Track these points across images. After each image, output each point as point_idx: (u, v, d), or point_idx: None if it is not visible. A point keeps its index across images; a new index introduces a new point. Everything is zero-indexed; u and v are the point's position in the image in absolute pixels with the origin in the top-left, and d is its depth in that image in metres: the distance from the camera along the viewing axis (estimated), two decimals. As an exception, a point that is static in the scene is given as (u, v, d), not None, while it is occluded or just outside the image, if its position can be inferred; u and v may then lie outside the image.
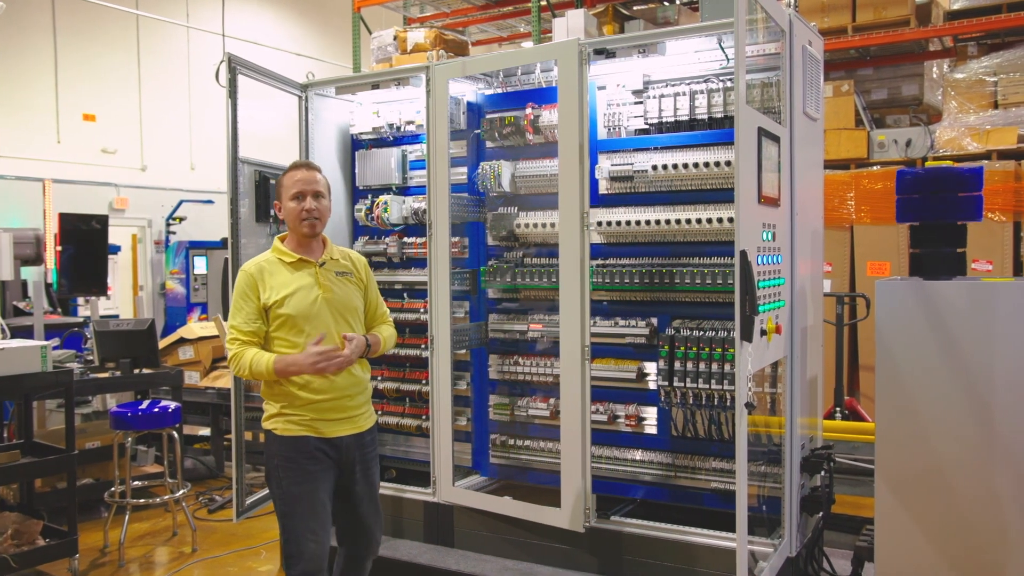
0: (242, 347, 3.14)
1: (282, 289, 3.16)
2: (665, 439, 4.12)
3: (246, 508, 4.46)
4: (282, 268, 3.21)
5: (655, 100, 4.08)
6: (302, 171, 3.28)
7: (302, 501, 3.11)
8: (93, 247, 7.53)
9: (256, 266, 3.23)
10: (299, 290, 3.17)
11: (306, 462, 3.14)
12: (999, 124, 6.71)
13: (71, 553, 4.65)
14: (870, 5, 7.23)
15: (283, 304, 3.14)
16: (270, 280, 3.18)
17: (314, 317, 3.16)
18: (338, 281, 3.28)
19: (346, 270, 3.34)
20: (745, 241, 2.96)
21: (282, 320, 3.14)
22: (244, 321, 3.16)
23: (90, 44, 12.06)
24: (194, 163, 13.31)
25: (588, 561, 4.05)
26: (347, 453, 3.23)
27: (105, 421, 5.94)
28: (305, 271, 3.22)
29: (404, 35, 5.87)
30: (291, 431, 3.16)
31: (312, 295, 3.17)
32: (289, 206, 3.23)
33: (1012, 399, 3.07)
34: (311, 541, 3.07)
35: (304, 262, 3.23)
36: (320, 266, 3.24)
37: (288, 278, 3.19)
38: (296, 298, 3.15)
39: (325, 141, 5.02)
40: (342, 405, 3.20)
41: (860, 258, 6.98)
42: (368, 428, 3.33)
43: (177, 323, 11.08)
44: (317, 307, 3.17)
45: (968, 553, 3.15)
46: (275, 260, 3.25)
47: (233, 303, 3.21)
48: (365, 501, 3.33)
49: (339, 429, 3.20)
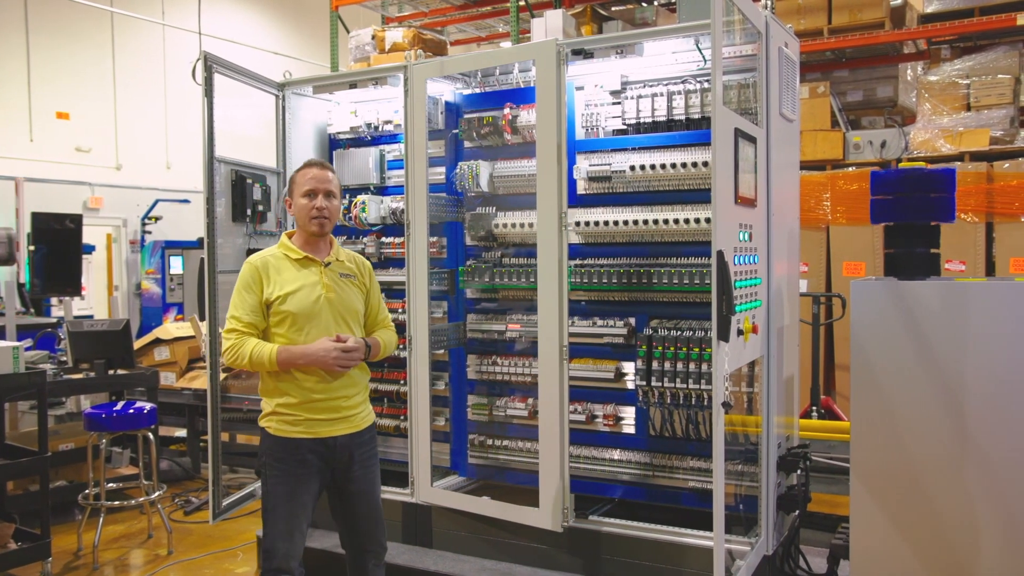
0: (241, 337, 3.13)
1: (286, 285, 3.16)
2: (643, 439, 4.14)
3: (223, 510, 4.42)
4: (288, 264, 3.21)
5: (633, 101, 4.10)
6: (316, 169, 3.27)
7: (282, 502, 3.14)
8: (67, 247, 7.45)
9: (262, 260, 3.22)
10: (302, 288, 3.16)
11: (294, 465, 3.15)
12: (971, 126, 6.80)
13: (44, 556, 4.59)
14: (846, 7, 7.30)
15: (285, 301, 3.14)
16: (275, 275, 3.18)
17: (315, 316, 3.15)
18: (341, 283, 3.27)
19: (350, 272, 3.33)
20: (722, 241, 2.97)
21: (282, 317, 3.14)
22: (245, 312, 3.15)
23: (64, 41, 11.91)
24: (170, 162, 13.19)
25: (567, 561, 4.06)
26: (342, 453, 3.21)
27: (79, 423, 5.87)
28: (310, 270, 3.22)
29: (382, 34, 5.86)
30: (283, 431, 3.16)
31: (315, 294, 3.17)
32: (300, 202, 3.23)
33: (985, 398, 3.10)
34: (283, 541, 3.11)
35: (310, 260, 3.23)
36: (325, 266, 3.24)
37: (293, 275, 3.19)
38: (299, 296, 3.15)
39: (302, 140, 5.00)
40: (337, 405, 3.19)
41: (836, 258, 7.04)
42: (365, 427, 3.31)
43: (153, 323, 10.98)
44: (319, 307, 3.16)
45: (942, 550, 3.19)
46: (281, 256, 3.24)
47: (235, 294, 3.20)
48: (363, 501, 3.31)
49: (334, 429, 3.19)
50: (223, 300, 4.63)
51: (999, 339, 3.09)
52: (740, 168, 3.22)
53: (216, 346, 4.44)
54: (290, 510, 3.12)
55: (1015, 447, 3.06)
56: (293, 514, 3.13)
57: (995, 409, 3.09)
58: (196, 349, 7.03)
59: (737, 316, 3.08)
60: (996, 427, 3.09)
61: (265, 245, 4.76)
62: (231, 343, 3.13)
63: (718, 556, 3.01)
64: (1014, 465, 3.07)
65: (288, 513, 3.12)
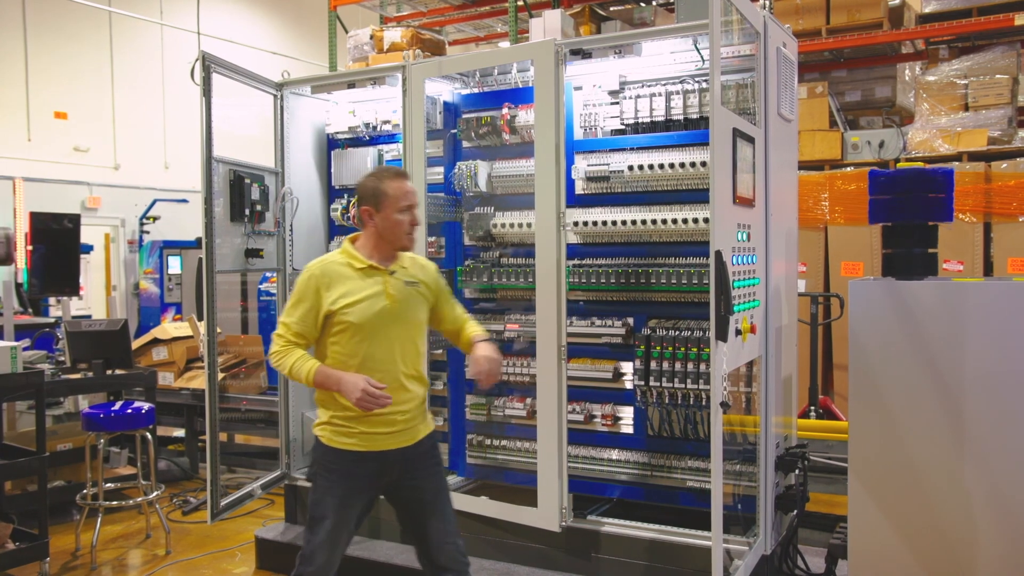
0: (287, 346, 3.04)
1: (351, 295, 3.01)
2: (641, 438, 4.14)
3: (221, 510, 4.42)
4: (351, 273, 3.06)
5: (631, 101, 4.10)
6: (406, 181, 3.11)
7: (330, 512, 3.06)
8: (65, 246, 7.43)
9: (322, 268, 3.07)
10: (366, 299, 3.01)
11: (345, 476, 3.07)
12: (969, 126, 6.81)
13: (42, 557, 4.59)
14: (844, 8, 7.30)
15: (347, 311, 3.01)
16: (337, 285, 3.03)
17: (377, 328, 3.02)
18: (406, 291, 3.11)
19: (414, 279, 3.16)
20: (720, 241, 2.97)
21: (343, 327, 3.01)
22: (297, 321, 3.04)
23: (62, 41, 11.90)
24: (168, 162, 13.18)
25: (565, 560, 4.06)
26: (395, 466, 3.10)
27: (77, 423, 5.86)
28: (374, 279, 3.06)
29: (380, 34, 5.86)
30: (336, 442, 3.07)
31: (379, 305, 3.03)
32: (396, 217, 3.05)
33: (982, 397, 3.11)
34: (323, 551, 3.04)
35: (375, 269, 3.07)
36: (390, 275, 3.09)
37: (356, 285, 3.04)
38: (362, 307, 3.01)
39: (301, 140, 5.00)
40: (392, 419, 3.06)
41: (834, 258, 7.04)
42: (422, 438, 3.17)
43: (151, 323, 10.96)
44: (382, 318, 3.03)
45: (940, 549, 3.19)
46: (344, 263, 3.08)
47: (290, 299, 3.10)
48: (430, 512, 3.15)
49: (389, 442, 3.07)
50: (221, 300, 4.64)
51: (997, 339, 3.09)
52: (738, 168, 3.22)
53: (213, 346, 4.44)
54: (336, 521, 3.05)
55: (1013, 446, 3.07)
56: (338, 526, 3.06)
57: (993, 409, 3.09)
58: (194, 349, 7.03)
59: (735, 316, 3.08)
60: (994, 426, 3.09)
61: (263, 245, 4.77)
62: (277, 349, 3.07)
63: (716, 556, 3.01)
64: (1012, 464, 3.07)
65: (334, 524, 3.05)
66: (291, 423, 4.92)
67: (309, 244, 5.05)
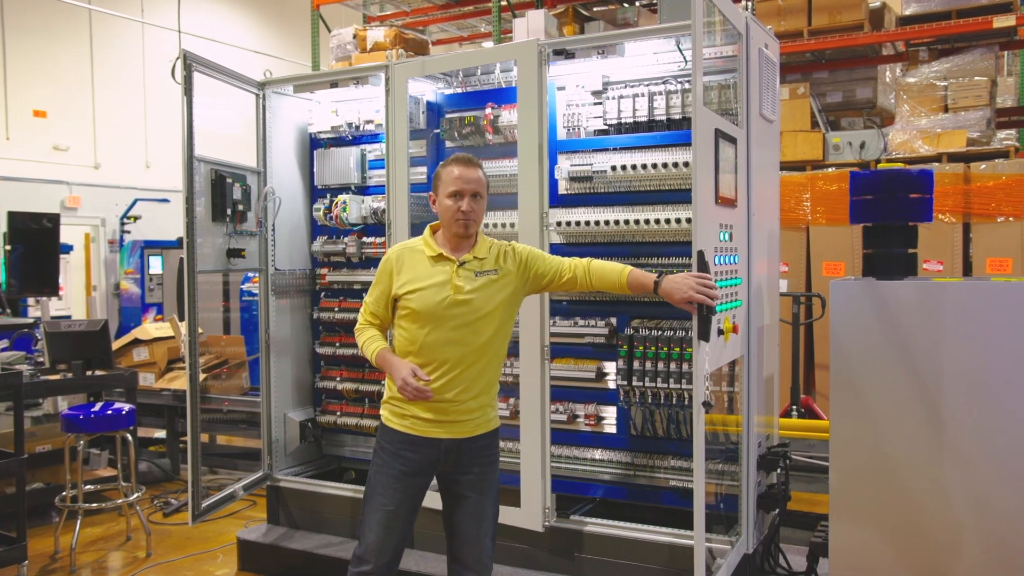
0: (365, 324, 3.17)
1: (416, 282, 3.04)
2: (624, 438, 4.15)
3: (202, 511, 4.39)
4: (422, 259, 3.08)
5: (614, 101, 4.11)
6: (462, 167, 3.06)
7: (378, 492, 3.08)
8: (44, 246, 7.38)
9: (397, 253, 3.14)
10: (431, 287, 3.02)
11: (394, 459, 3.07)
12: (949, 127, 6.87)
13: (20, 559, 4.54)
14: (825, 9, 7.35)
15: (410, 298, 3.04)
16: (407, 270, 3.07)
17: (439, 316, 3.00)
18: (478, 282, 3.05)
19: (491, 269, 3.09)
20: (702, 241, 2.99)
21: (406, 312, 3.05)
22: (373, 301, 3.16)
23: (41, 39, 11.79)
24: (149, 161, 13.09)
25: (548, 560, 4.06)
26: (449, 456, 3.07)
27: (56, 424, 5.80)
28: (442, 267, 3.05)
29: (364, 33, 5.84)
30: (391, 422, 3.10)
31: (442, 295, 3.00)
32: (445, 203, 3.05)
33: (962, 396, 3.13)
34: (373, 532, 3.05)
35: (444, 258, 3.06)
36: (460, 265, 3.05)
37: (424, 271, 3.05)
38: (425, 294, 3.01)
39: (283, 140, 4.98)
40: (446, 408, 3.03)
41: (816, 258, 7.08)
42: (481, 433, 3.11)
43: (132, 324, 10.88)
44: (444, 307, 3.00)
45: (920, 547, 3.22)
46: (420, 249, 3.11)
47: (374, 280, 3.19)
48: (467, 508, 3.12)
49: (439, 431, 3.04)
50: (203, 300, 4.61)
51: (976, 338, 3.12)
52: (720, 168, 3.23)
53: (195, 346, 4.41)
54: (384, 502, 3.06)
55: (992, 445, 3.09)
56: (387, 508, 3.05)
57: (972, 408, 3.12)
58: (176, 350, 6.98)
59: (718, 316, 3.09)
60: (973, 425, 3.12)
61: (245, 245, 4.75)
62: (359, 326, 3.19)
63: (699, 555, 3.02)
64: (991, 462, 3.10)
65: (381, 504, 3.06)
66: (273, 424, 4.89)
67: (291, 244, 5.02)
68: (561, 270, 3.17)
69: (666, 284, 2.98)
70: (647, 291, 3.07)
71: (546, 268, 3.17)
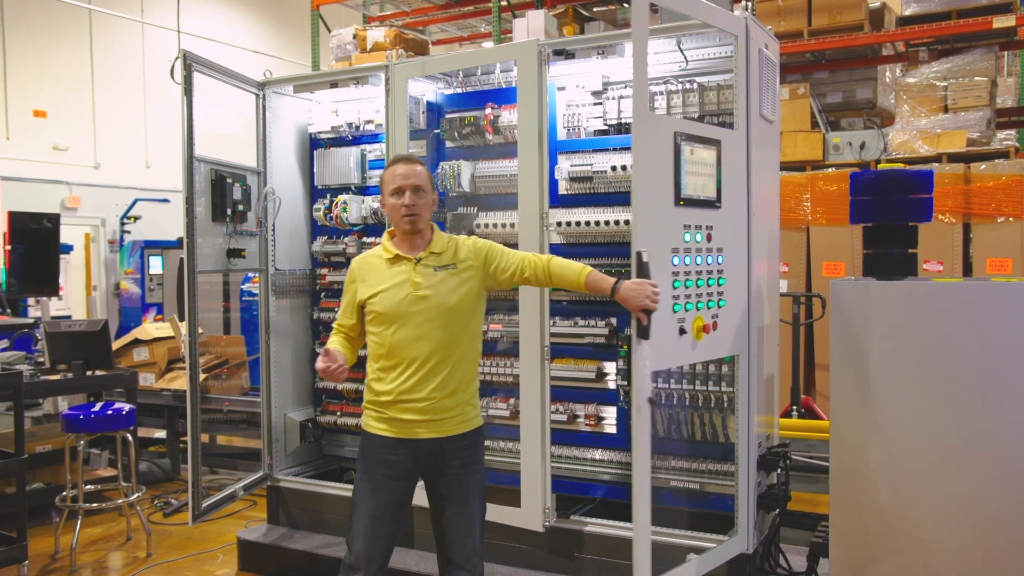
0: (334, 334, 3.26)
1: (376, 286, 3.12)
2: (624, 438, 4.15)
3: (202, 511, 4.39)
4: (382, 263, 3.16)
5: (614, 101, 4.11)
6: (402, 165, 3.16)
7: (363, 499, 3.12)
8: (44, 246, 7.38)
9: (360, 261, 3.25)
10: (390, 288, 3.10)
11: (375, 463, 3.12)
12: (949, 128, 6.87)
13: (20, 560, 4.54)
14: (825, 10, 7.35)
15: (374, 301, 3.11)
16: (369, 276, 3.17)
17: (403, 315, 3.06)
18: (437, 277, 3.11)
19: (449, 263, 3.14)
20: (643, 243, 3.02)
21: (373, 315, 3.13)
22: (341, 312, 3.27)
23: (41, 39, 11.79)
24: (149, 161, 13.08)
25: (548, 561, 4.06)
26: (431, 456, 3.10)
27: (56, 424, 5.80)
28: (400, 267, 3.13)
29: (363, 34, 5.84)
30: (370, 427, 3.16)
31: (402, 293, 3.08)
32: (390, 202, 3.14)
33: (962, 397, 3.13)
34: (361, 539, 3.08)
35: (401, 258, 3.14)
36: (417, 262, 3.12)
37: (384, 274, 3.13)
38: (387, 295, 3.09)
39: (283, 140, 4.98)
40: (424, 407, 3.06)
41: (816, 259, 7.08)
42: (462, 432, 3.13)
43: (132, 324, 10.88)
44: (406, 304, 3.07)
45: (920, 548, 3.21)
46: (379, 255, 3.20)
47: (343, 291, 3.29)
48: (451, 508, 3.15)
49: (418, 431, 3.08)
50: (203, 300, 4.61)
51: (976, 339, 3.12)
52: (685, 171, 3.22)
53: (195, 346, 4.41)
54: (370, 508, 3.09)
55: (992, 445, 3.09)
56: (373, 513, 3.08)
57: (972, 408, 3.12)
58: (176, 350, 6.98)
59: (680, 315, 3.18)
60: (973, 426, 3.12)
61: (245, 245, 4.75)
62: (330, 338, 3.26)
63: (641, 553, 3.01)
64: (992, 463, 3.10)
65: (368, 511, 3.09)
66: (273, 424, 4.89)
67: (291, 244, 5.02)
68: (522, 266, 3.21)
69: (624, 291, 3.02)
70: (604, 293, 3.12)
71: (507, 264, 3.22)
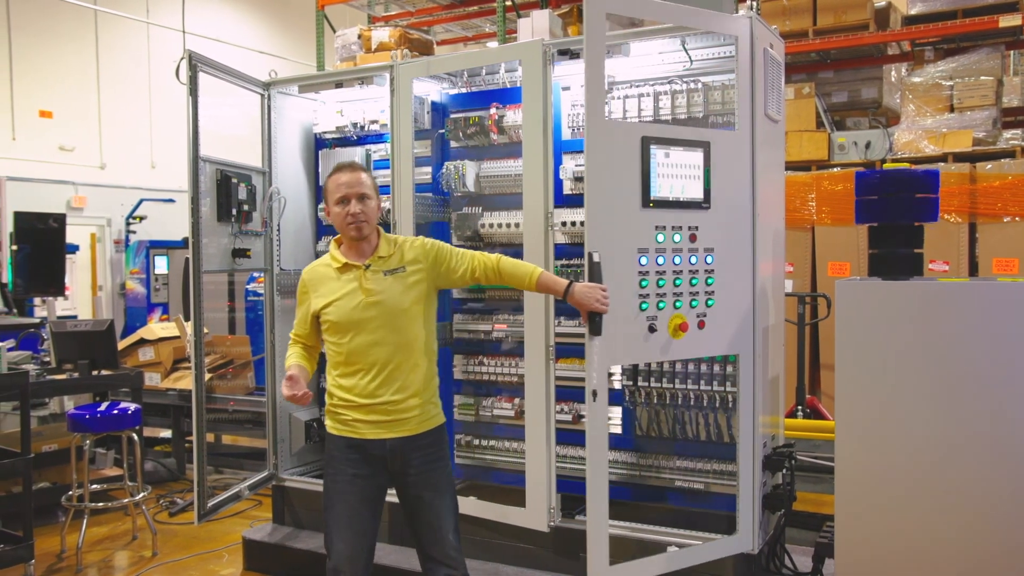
0: (291, 344, 3.29)
1: (328, 296, 3.14)
2: (630, 438, 4.14)
3: (208, 511, 4.40)
4: (332, 274, 3.18)
5: (619, 101, 4.10)
6: (345, 173, 3.16)
7: (335, 501, 3.14)
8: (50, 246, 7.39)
9: (310, 272, 3.25)
10: (343, 296, 3.12)
11: (344, 464, 3.14)
12: (955, 127, 6.85)
13: (27, 559, 4.56)
14: (830, 9, 7.34)
15: (328, 311, 3.14)
16: (320, 287, 3.18)
17: (357, 322, 3.09)
18: (386, 281, 3.13)
19: (398, 267, 3.17)
20: (594, 244, 3.14)
21: (328, 325, 3.15)
22: (296, 323, 3.29)
23: (47, 40, 11.81)
24: (155, 161, 13.10)
25: (553, 561, 4.06)
26: (395, 457, 3.13)
27: (62, 424, 5.83)
28: (349, 275, 3.15)
29: (368, 34, 5.84)
30: (335, 429, 3.18)
31: (354, 301, 3.10)
32: (334, 211, 3.15)
33: (967, 397, 3.12)
34: (339, 541, 3.11)
35: (349, 267, 3.15)
36: (366, 268, 3.14)
37: (335, 284, 3.15)
38: (339, 304, 3.12)
39: (288, 140, 4.99)
40: (385, 408, 3.10)
41: (821, 258, 7.07)
42: (424, 431, 3.17)
43: (137, 324, 10.90)
44: (360, 312, 3.09)
45: (926, 548, 3.20)
46: (327, 264, 3.21)
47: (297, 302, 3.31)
48: (421, 507, 3.18)
49: (382, 432, 3.11)
50: (208, 300, 4.62)
51: (982, 339, 3.11)
52: (656, 173, 3.30)
53: (200, 346, 4.42)
54: (343, 510, 3.12)
55: (998, 445, 3.08)
56: (347, 515, 3.11)
57: (979, 408, 3.11)
58: (181, 349, 6.99)
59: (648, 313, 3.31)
60: (979, 426, 3.11)
61: (250, 245, 4.76)
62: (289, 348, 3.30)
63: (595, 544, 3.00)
64: (998, 462, 3.09)
65: (340, 513, 3.12)
66: (278, 423, 4.90)
67: (296, 244, 5.03)
68: (472, 266, 3.25)
69: (578, 294, 3.12)
70: (557, 295, 3.20)
71: (457, 264, 3.25)
